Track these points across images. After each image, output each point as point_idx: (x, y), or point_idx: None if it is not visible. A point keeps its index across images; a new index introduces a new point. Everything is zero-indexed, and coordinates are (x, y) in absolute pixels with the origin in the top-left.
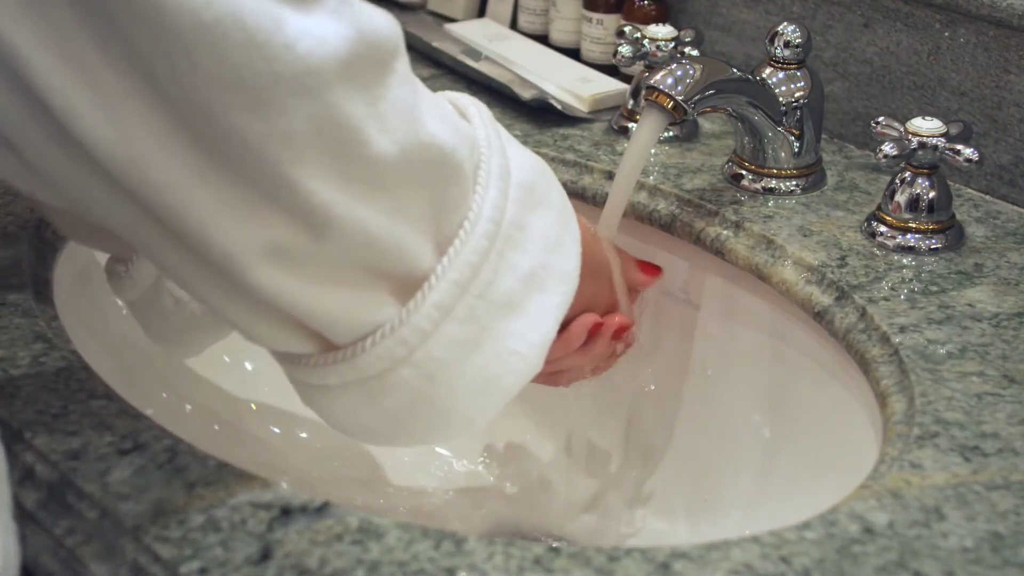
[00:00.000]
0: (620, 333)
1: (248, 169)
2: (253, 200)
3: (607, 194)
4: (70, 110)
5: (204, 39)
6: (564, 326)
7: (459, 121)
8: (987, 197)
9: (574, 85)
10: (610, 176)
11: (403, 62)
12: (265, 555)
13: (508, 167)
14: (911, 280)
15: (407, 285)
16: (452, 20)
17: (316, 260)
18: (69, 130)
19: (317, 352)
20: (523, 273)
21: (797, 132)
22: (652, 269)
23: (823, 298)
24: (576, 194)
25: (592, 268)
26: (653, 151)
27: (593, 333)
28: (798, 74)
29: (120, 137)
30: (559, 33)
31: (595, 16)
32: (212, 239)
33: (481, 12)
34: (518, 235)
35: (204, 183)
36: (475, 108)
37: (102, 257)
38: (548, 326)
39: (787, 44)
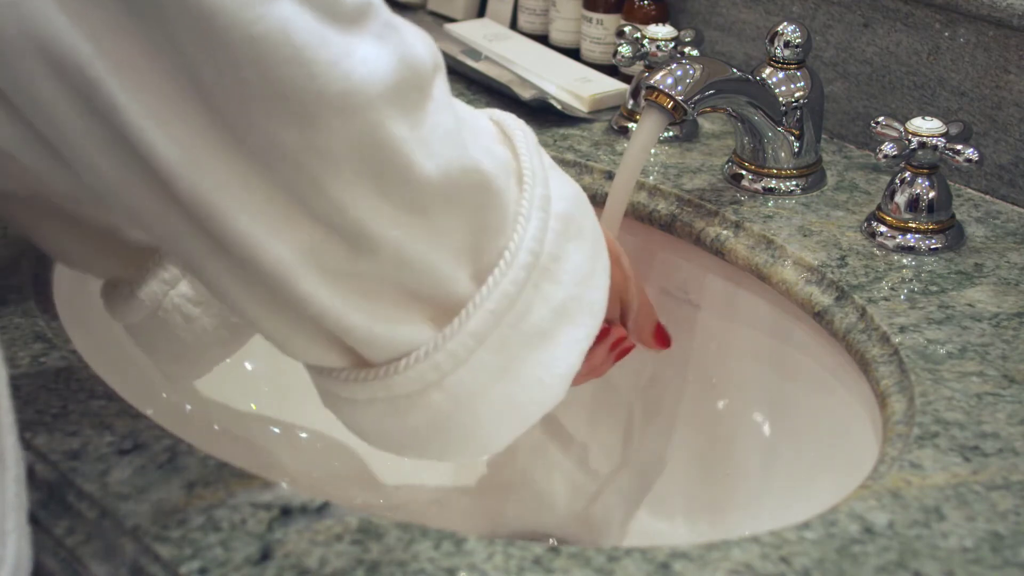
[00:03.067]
0: (617, 345)
1: (286, 177)
2: (293, 208)
3: (607, 194)
4: (119, 109)
5: (251, 53)
6: None
7: (501, 148)
8: (987, 197)
9: (574, 85)
10: (610, 176)
11: (443, 88)
12: (265, 555)
13: (549, 197)
14: (911, 280)
15: (442, 310)
16: (452, 20)
17: (355, 274)
18: (120, 131)
19: (349, 368)
20: (555, 305)
21: (797, 132)
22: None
23: (823, 298)
24: None
25: (613, 284)
26: (653, 151)
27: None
28: (798, 74)
29: (167, 137)
30: (559, 33)
31: (595, 16)
32: (259, 248)
33: (481, 12)
34: (554, 267)
35: (247, 187)
36: (521, 133)
37: None
38: (574, 358)
39: (787, 44)
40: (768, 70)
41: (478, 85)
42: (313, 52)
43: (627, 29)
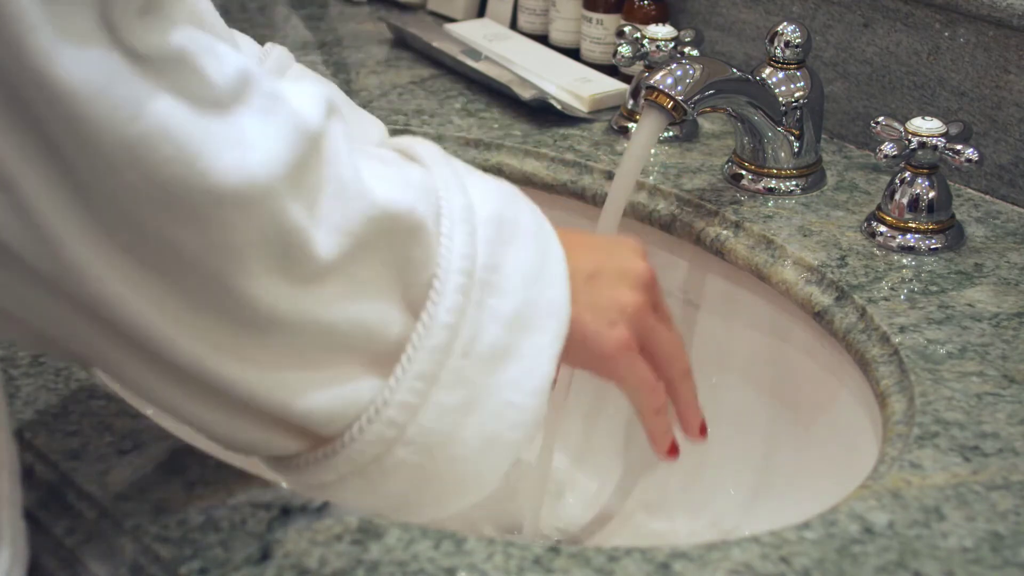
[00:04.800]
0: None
1: (185, 279)
2: (197, 306)
3: (607, 194)
4: None
5: (130, 156)
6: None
7: (409, 171)
8: (987, 197)
9: (574, 85)
10: (610, 176)
11: (336, 135)
12: (265, 555)
13: (471, 205)
14: (911, 280)
15: (382, 357)
16: (452, 20)
17: (275, 352)
18: None
19: (307, 450)
20: (507, 318)
21: (797, 132)
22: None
23: (823, 298)
24: (576, 194)
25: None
26: (653, 151)
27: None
28: (798, 74)
29: (44, 249)
30: (559, 33)
31: (595, 16)
32: (169, 344)
33: (481, 12)
34: (495, 278)
35: (141, 292)
36: (423, 148)
37: None
38: (544, 368)
39: (787, 44)
40: (768, 70)
41: (478, 85)
42: (198, 147)
43: (627, 29)
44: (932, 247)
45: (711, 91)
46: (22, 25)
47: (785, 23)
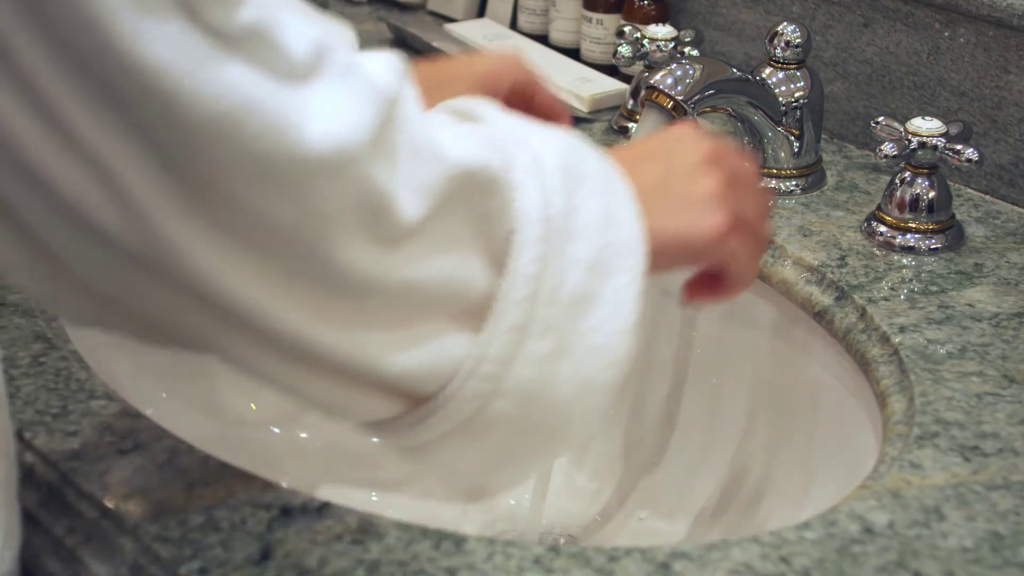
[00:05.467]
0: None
1: (280, 252)
2: (291, 278)
3: None
4: (85, 205)
5: (219, 131)
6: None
7: (476, 128)
8: (987, 197)
9: (574, 85)
10: None
11: (410, 98)
12: (265, 555)
13: (538, 156)
14: (911, 280)
15: (471, 311)
16: (452, 20)
17: (367, 314)
18: (92, 227)
19: (405, 412)
20: (587, 263)
21: (797, 132)
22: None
23: (823, 298)
24: None
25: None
26: None
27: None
28: (798, 74)
29: (140, 229)
30: (559, 33)
31: (595, 16)
32: (267, 317)
33: (481, 12)
34: (570, 224)
35: (238, 267)
36: (482, 108)
37: None
38: (628, 307)
39: (787, 44)
40: (768, 70)
41: None
42: (284, 119)
43: (627, 29)
44: (932, 247)
45: (711, 91)
46: (105, 8)
47: (785, 23)
